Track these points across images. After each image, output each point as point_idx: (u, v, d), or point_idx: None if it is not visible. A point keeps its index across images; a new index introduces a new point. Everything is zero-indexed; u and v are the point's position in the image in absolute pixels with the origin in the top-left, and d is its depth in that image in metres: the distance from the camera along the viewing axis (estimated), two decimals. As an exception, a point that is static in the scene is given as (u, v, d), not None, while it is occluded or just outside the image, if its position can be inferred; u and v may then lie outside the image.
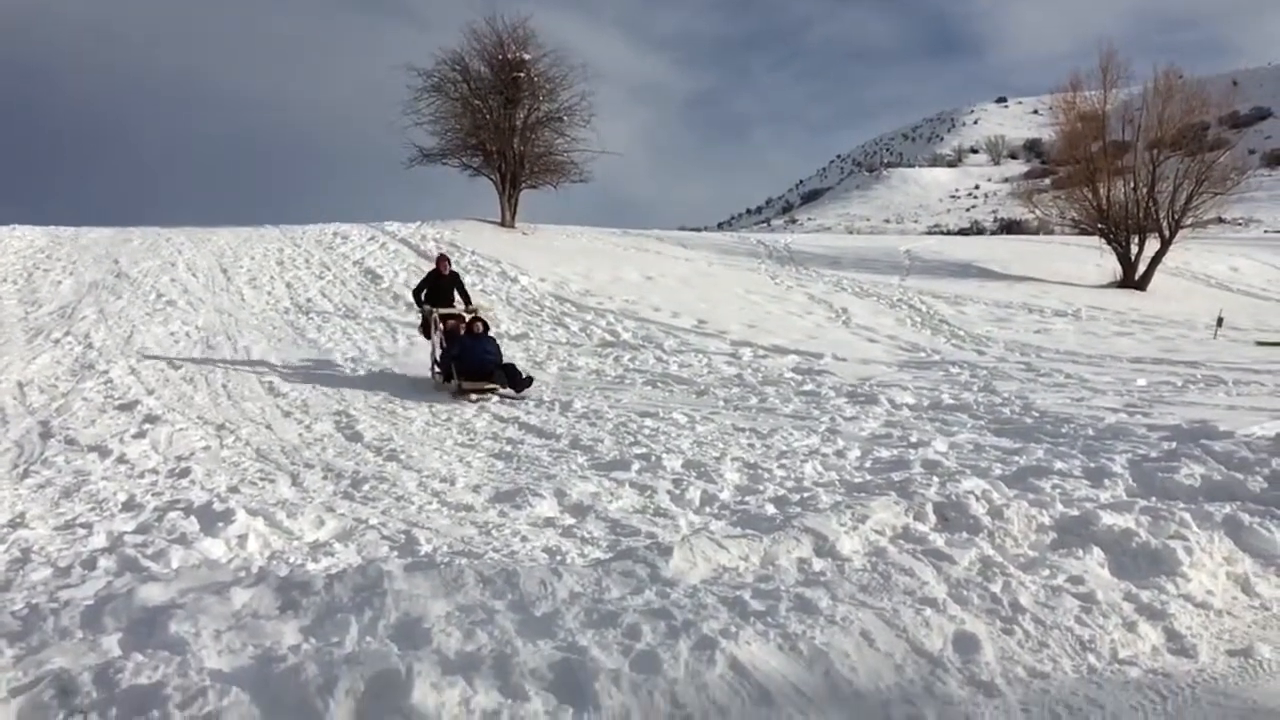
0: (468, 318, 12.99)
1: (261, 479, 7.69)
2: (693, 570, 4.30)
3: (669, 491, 6.82)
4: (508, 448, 8.75)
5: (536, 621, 3.73)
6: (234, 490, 7.28)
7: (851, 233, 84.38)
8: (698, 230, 53.37)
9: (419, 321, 14.18)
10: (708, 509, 6.41)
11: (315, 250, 24.09)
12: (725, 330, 16.78)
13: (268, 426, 9.85)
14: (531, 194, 32.64)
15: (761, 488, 6.81)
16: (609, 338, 16.02)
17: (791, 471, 7.25)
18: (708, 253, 27.99)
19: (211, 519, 6.15)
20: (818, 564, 4.44)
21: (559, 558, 5.26)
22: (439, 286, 13.45)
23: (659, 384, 12.31)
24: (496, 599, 3.91)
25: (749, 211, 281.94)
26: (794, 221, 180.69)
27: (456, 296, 13.49)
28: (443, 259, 13.87)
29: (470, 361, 11.91)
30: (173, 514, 6.35)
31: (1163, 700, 3.47)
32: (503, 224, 30.37)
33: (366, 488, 7.28)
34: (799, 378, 12.45)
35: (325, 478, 7.71)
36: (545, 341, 15.53)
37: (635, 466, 7.63)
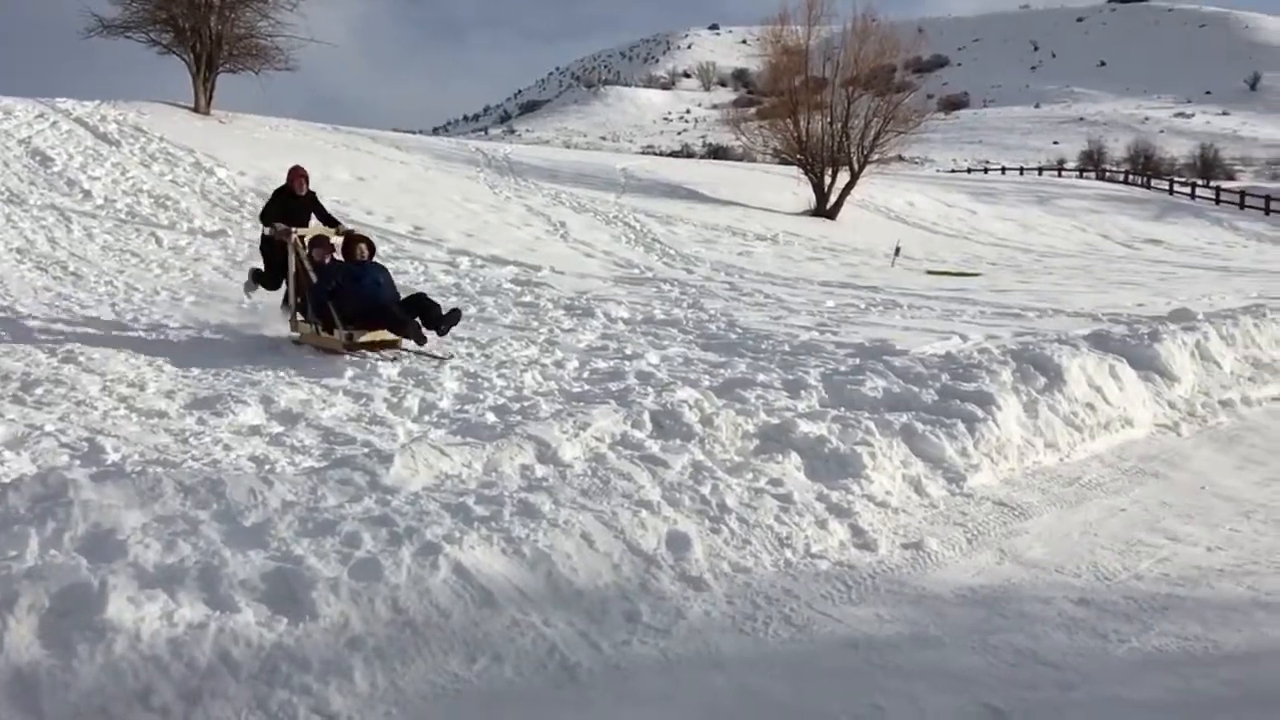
0: (338, 243, 9.09)
1: (-95, 381, 6.71)
2: (415, 478, 4.23)
3: (385, 399, 6.63)
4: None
5: (246, 532, 3.54)
6: None
7: (569, 147, 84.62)
8: (413, 134, 51.37)
9: (260, 242, 9.89)
10: (427, 417, 6.30)
11: (-33, 124, 20.93)
12: (443, 238, 16.43)
13: (-90, 322, 8.58)
14: (231, 80, 29.95)
15: (481, 396, 6.78)
16: (318, 239, 15.19)
17: (511, 381, 7.26)
18: (424, 157, 27.07)
19: None
20: (540, 470, 4.51)
21: (268, 467, 5.00)
22: (293, 210, 9.52)
23: (372, 290, 11.86)
24: (200, 509, 3.66)
25: (466, 119, 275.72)
26: (512, 132, 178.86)
27: (316, 223, 9.68)
28: (297, 174, 9.80)
29: (359, 300, 8.17)
30: None
31: (848, 589, 3.84)
32: (196, 109, 27.69)
33: (40, 391, 6.53)
34: (518, 289, 12.45)
35: (-13, 380, 6.84)
36: (246, 240, 14.46)
37: (349, 374, 7.34)
